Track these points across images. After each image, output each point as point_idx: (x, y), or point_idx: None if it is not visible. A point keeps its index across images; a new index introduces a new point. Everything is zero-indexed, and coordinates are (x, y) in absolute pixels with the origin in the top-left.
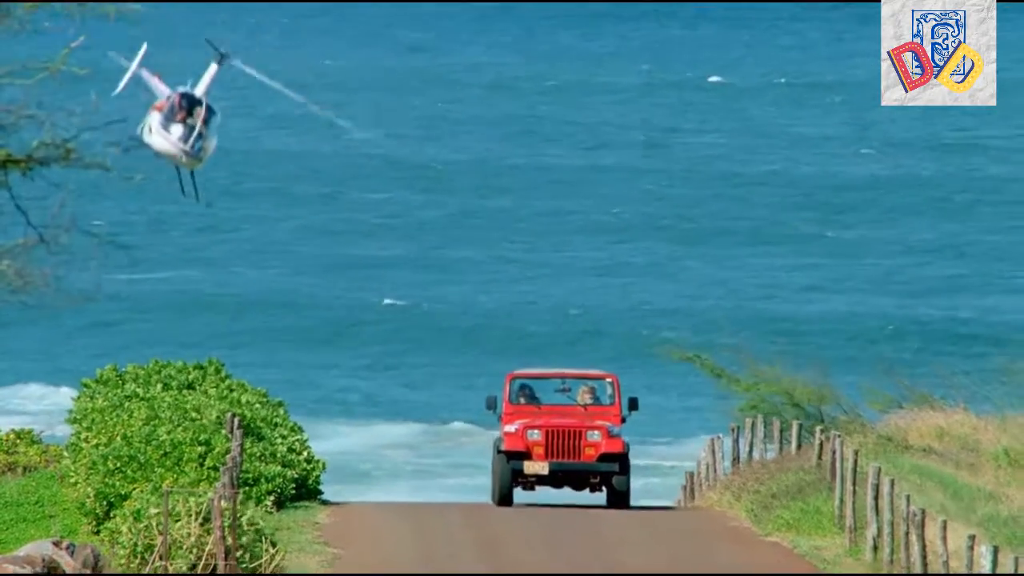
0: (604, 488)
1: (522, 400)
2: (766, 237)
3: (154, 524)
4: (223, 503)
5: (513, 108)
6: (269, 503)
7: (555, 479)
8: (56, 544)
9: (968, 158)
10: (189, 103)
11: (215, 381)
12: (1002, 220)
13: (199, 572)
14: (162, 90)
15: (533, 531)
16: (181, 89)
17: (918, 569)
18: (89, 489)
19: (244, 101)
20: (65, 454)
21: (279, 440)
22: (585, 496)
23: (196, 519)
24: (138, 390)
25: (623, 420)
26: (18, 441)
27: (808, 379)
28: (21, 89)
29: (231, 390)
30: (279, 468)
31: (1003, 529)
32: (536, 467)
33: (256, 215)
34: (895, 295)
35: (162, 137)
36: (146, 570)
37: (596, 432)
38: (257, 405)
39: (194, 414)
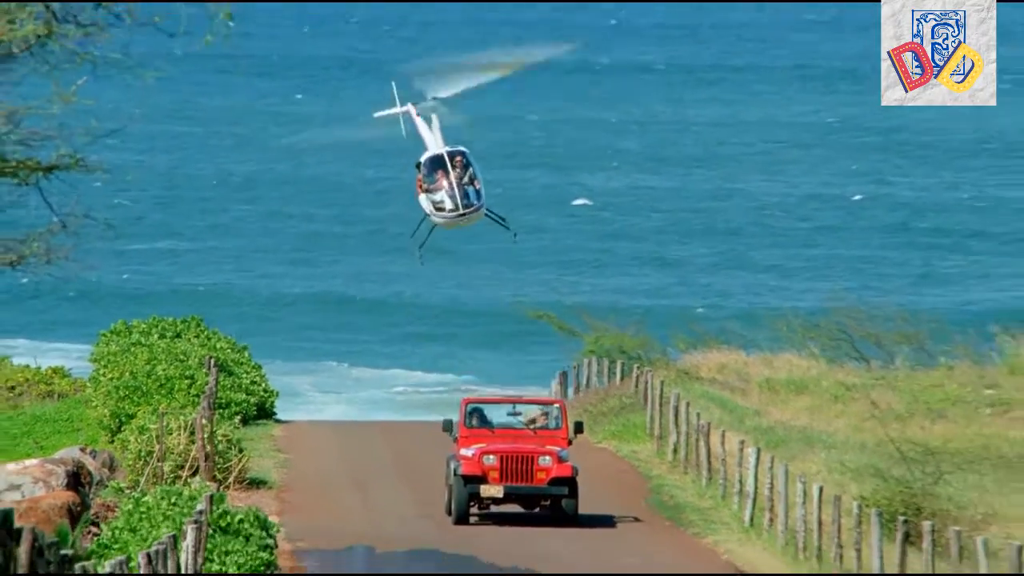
0: (553, 508)
1: (476, 423)
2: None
3: (153, 436)
4: (203, 421)
5: None
6: (237, 421)
7: (509, 501)
8: (82, 450)
9: None
10: (438, 165)
11: (196, 332)
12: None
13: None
14: (425, 134)
15: (430, 445)
16: (427, 154)
17: (704, 463)
18: (105, 410)
19: None
20: (88, 385)
21: (244, 375)
22: None
23: (184, 432)
24: (140, 339)
25: (570, 443)
26: (54, 375)
27: (633, 331)
28: (44, 116)
29: (208, 338)
30: (244, 395)
31: (764, 436)
32: (492, 490)
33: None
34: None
35: (440, 216)
36: (146, 470)
37: (547, 457)
38: (228, 349)
39: (182, 356)
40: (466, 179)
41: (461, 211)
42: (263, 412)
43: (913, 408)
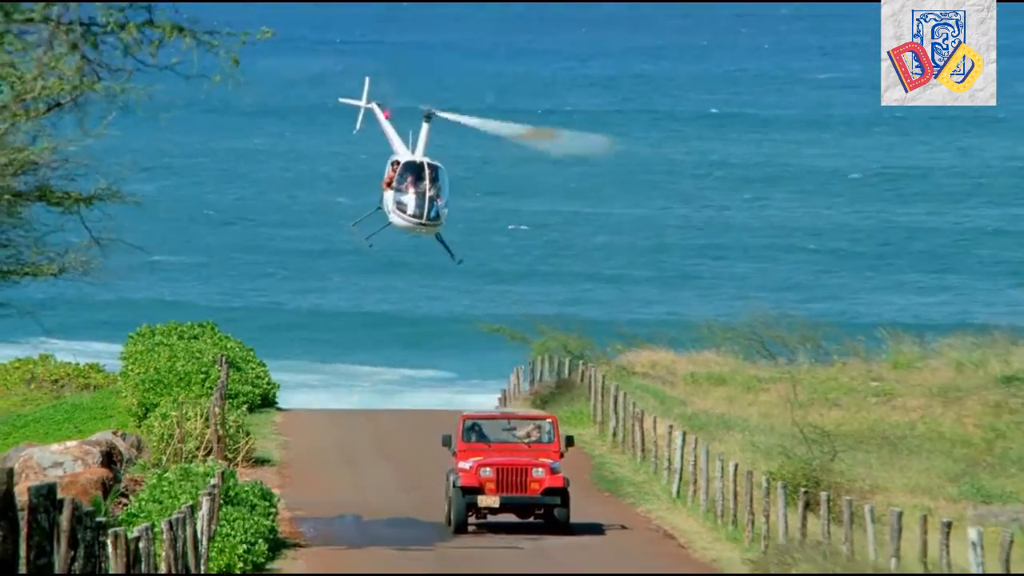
0: (546, 517)
1: (473, 438)
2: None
3: (174, 422)
4: (216, 409)
5: None
6: (244, 409)
7: (505, 510)
8: (114, 433)
9: None
10: (414, 171)
11: (210, 334)
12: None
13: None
14: (390, 135)
15: (409, 430)
16: (403, 157)
17: (639, 444)
18: (133, 400)
19: None
20: (119, 379)
21: (250, 370)
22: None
23: (199, 419)
24: (163, 340)
25: (561, 455)
26: (90, 370)
27: (576, 334)
28: (80, 148)
29: (220, 340)
30: (250, 387)
31: (688, 421)
32: (488, 500)
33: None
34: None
35: (398, 216)
36: (168, 450)
37: (540, 469)
38: (237, 349)
39: (198, 354)
40: (432, 192)
41: (423, 220)
42: (267, 401)
43: (812, 398)
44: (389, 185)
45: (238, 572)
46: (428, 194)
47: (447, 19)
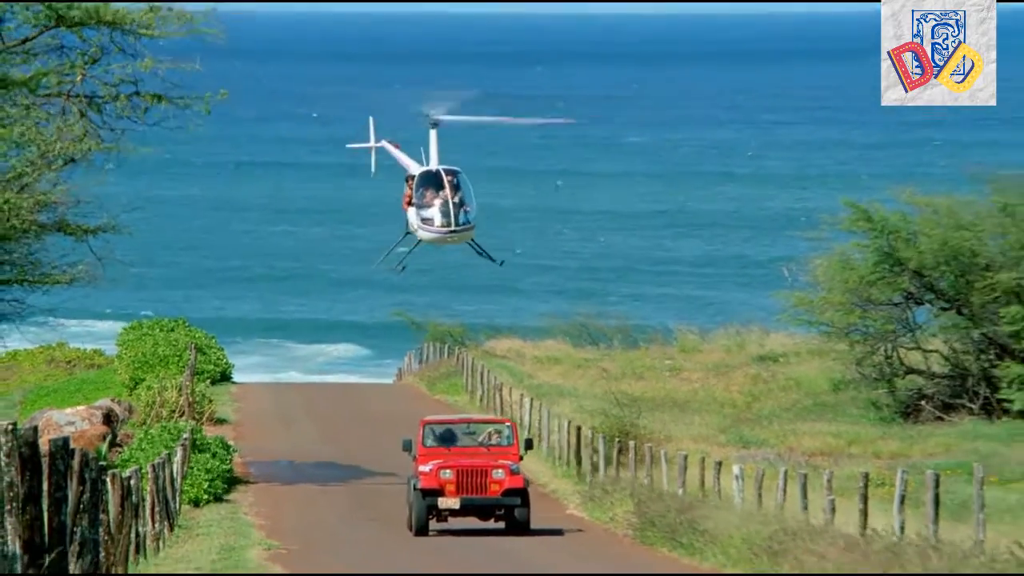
0: (506, 518)
1: (433, 442)
2: None
3: (156, 392)
4: (187, 383)
5: None
6: (208, 382)
7: (465, 512)
8: (112, 400)
9: None
10: (430, 181)
11: (183, 327)
12: None
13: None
14: (406, 161)
15: (329, 399)
16: (416, 169)
17: (499, 407)
18: (127, 376)
19: None
20: (116, 360)
21: (212, 354)
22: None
23: (175, 390)
24: (147, 331)
25: (520, 458)
26: (95, 354)
27: (456, 325)
28: (83, 188)
29: (190, 331)
30: (212, 366)
31: (535, 390)
32: (449, 502)
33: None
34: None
35: (427, 231)
36: (152, 413)
37: (500, 470)
38: (203, 338)
39: (174, 342)
40: (456, 199)
41: (453, 228)
42: (225, 376)
43: (624, 372)
44: (410, 203)
45: (203, 500)
46: (452, 201)
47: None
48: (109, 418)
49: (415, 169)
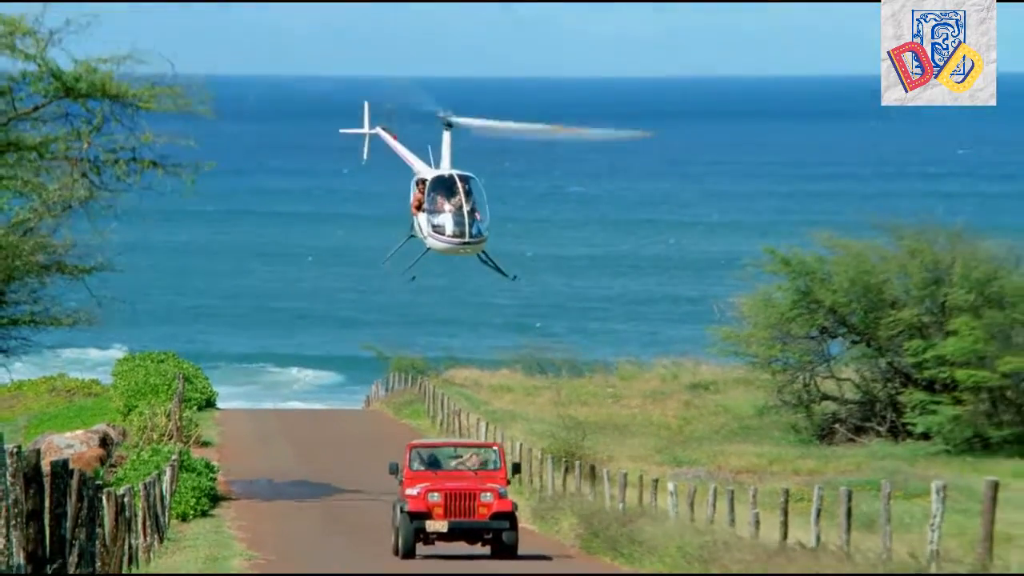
0: (494, 541)
1: (420, 466)
2: None
3: (147, 417)
4: (175, 409)
5: None
6: (194, 408)
7: (453, 535)
8: (108, 425)
9: None
10: (444, 186)
11: (172, 359)
12: None
13: (166, 438)
14: (407, 156)
15: (305, 423)
16: (427, 174)
17: (457, 430)
18: (121, 403)
19: None
20: (111, 389)
21: (198, 383)
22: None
23: (164, 415)
24: (140, 363)
25: (508, 482)
26: (92, 384)
27: (418, 357)
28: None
29: (179, 363)
30: (198, 394)
31: (490, 415)
32: (437, 525)
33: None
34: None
35: (436, 239)
36: (143, 436)
37: (488, 494)
38: (189, 368)
39: (164, 373)
40: (469, 206)
41: (465, 239)
42: (209, 403)
43: (571, 399)
44: (419, 208)
45: (190, 515)
46: (465, 209)
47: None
48: (105, 441)
49: (425, 171)
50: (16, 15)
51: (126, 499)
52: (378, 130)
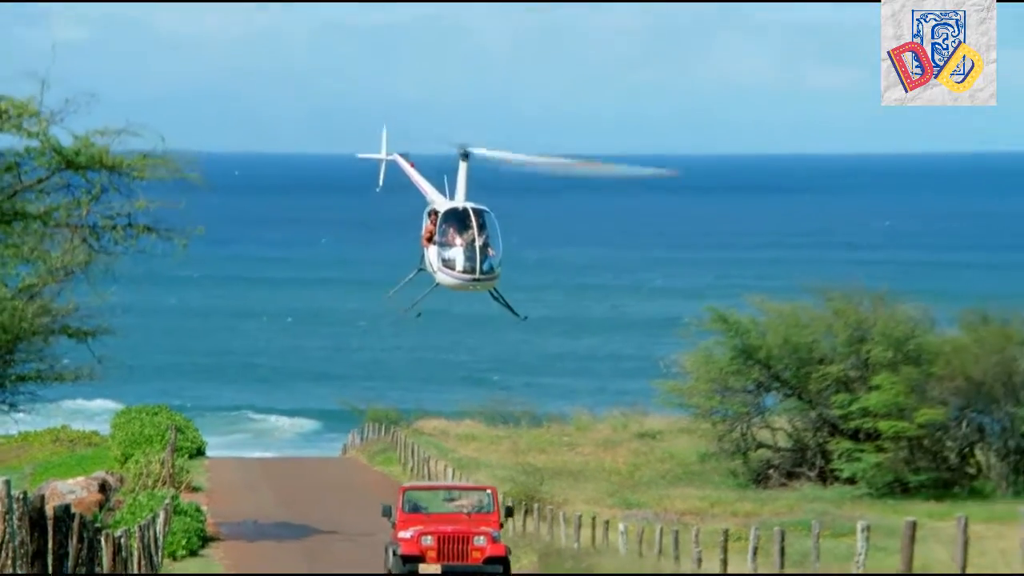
0: None
1: (413, 508)
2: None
3: (143, 465)
4: (169, 457)
5: None
6: (186, 457)
7: None
8: (107, 472)
9: None
10: (457, 219)
11: (166, 412)
12: None
13: (161, 484)
14: (423, 186)
15: (286, 470)
16: (441, 205)
17: (427, 476)
18: (118, 452)
19: None
20: (110, 439)
21: (190, 433)
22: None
23: (158, 463)
24: (136, 415)
25: (501, 525)
26: (92, 435)
27: (391, 409)
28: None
29: (171, 415)
30: (189, 443)
31: (457, 462)
32: (430, 568)
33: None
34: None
35: (447, 274)
36: (139, 483)
37: (482, 537)
38: (181, 420)
39: (158, 424)
40: (482, 241)
41: (476, 276)
42: (200, 452)
43: (530, 447)
44: (430, 240)
45: (181, 555)
46: (477, 244)
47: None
48: (104, 487)
49: (440, 202)
50: (24, 99)
51: (123, 540)
52: (395, 156)
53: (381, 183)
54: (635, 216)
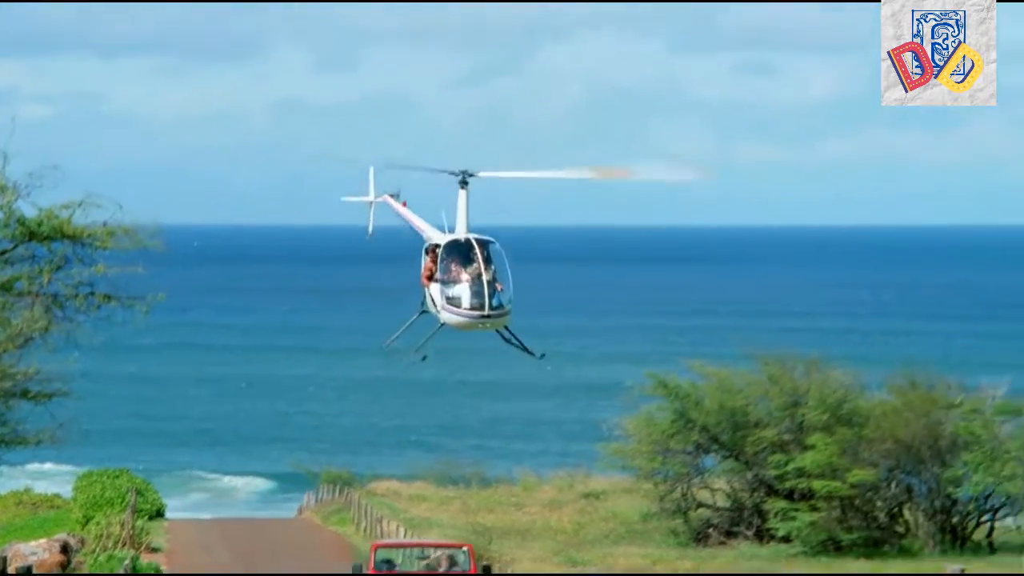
0: None
1: (385, 567)
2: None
3: (104, 527)
4: (128, 518)
5: None
6: (145, 518)
7: None
8: (68, 534)
9: None
10: (459, 252)
11: (126, 475)
12: None
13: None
14: (417, 223)
15: (239, 531)
16: (441, 238)
17: (380, 534)
18: (80, 514)
19: None
20: (71, 502)
21: (149, 495)
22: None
23: (119, 525)
24: (97, 478)
25: None
26: (55, 497)
27: (345, 471)
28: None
29: (131, 479)
30: (148, 505)
31: (408, 522)
32: None
33: None
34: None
35: (452, 313)
36: (100, 544)
37: None
38: (141, 483)
39: (119, 487)
40: (489, 275)
41: (485, 312)
42: (159, 513)
43: (479, 507)
44: (430, 278)
45: None
46: (485, 278)
47: None
48: (66, 549)
49: (437, 236)
50: None
51: None
52: (385, 198)
53: (371, 230)
54: (576, 285)
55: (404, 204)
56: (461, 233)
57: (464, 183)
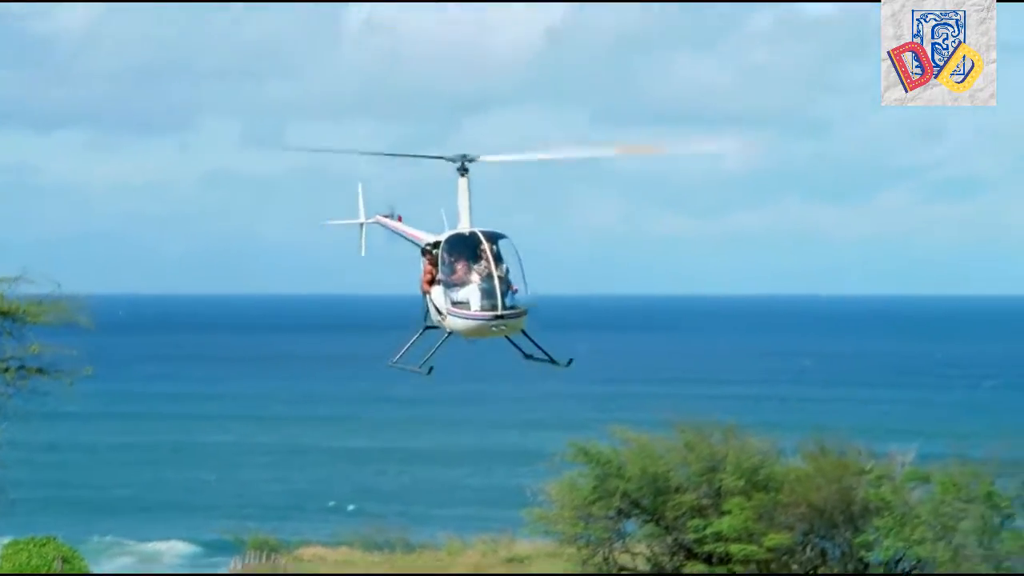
0: None
1: None
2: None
3: None
4: None
5: None
6: None
7: None
8: None
9: None
10: (463, 248)
11: (53, 544)
12: None
13: None
14: (410, 232)
15: None
16: (438, 234)
17: None
18: None
19: None
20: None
21: (76, 562)
22: None
23: None
24: (24, 546)
25: None
26: None
27: (271, 537)
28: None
29: (58, 546)
30: (75, 572)
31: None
32: None
33: None
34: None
35: (460, 318)
36: None
37: None
38: (67, 550)
39: (45, 555)
40: (500, 271)
41: (499, 312)
42: None
43: (405, 571)
44: (431, 283)
45: None
46: (495, 275)
47: None
48: None
49: (435, 236)
50: None
51: None
52: (377, 218)
53: (364, 249)
54: (491, 351)
55: (400, 219)
56: (465, 227)
57: (464, 170)
